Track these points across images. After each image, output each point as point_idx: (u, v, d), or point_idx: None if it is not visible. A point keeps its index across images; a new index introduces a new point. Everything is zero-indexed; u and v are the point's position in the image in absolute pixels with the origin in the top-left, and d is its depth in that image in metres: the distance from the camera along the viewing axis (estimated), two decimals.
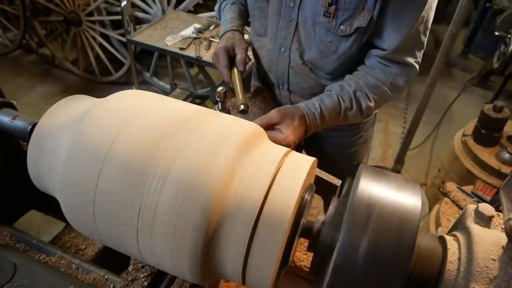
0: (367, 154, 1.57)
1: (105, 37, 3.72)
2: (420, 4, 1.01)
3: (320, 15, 1.06)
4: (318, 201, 1.01)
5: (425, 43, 1.12)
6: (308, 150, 1.49)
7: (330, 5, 1.03)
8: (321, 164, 0.82)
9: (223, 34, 1.28)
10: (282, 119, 0.98)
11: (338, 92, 1.09)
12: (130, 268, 0.79)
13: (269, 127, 0.97)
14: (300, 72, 1.23)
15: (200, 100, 3.37)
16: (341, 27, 1.06)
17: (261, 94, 1.35)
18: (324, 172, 0.87)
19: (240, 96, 1.14)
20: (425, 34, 1.09)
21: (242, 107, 1.10)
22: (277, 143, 0.76)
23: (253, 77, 1.51)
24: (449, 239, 0.63)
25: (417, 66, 1.14)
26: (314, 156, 0.72)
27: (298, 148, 1.53)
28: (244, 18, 1.36)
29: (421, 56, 1.14)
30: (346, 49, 1.11)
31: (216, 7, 1.45)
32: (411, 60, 1.11)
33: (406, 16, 1.02)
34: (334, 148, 1.44)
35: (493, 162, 2.12)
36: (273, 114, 0.99)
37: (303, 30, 1.13)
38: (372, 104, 1.12)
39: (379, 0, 0.99)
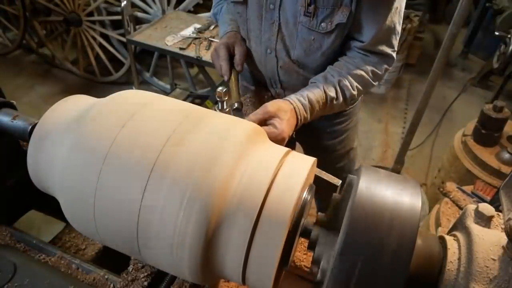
0: (357, 137, 1.62)
1: (105, 37, 3.72)
2: None
3: (300, 15, 1.09)
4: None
5: (399, 32, 1.16)
6: (303, 142, 1.51)
7: (309, 4, 1.06)
8: (317, 154, 0.83)
9: (224, 34, 1.29)
10: (275, 113, 0.98)
11: (322, 83, 1.12)
12: (130, 268, 0.79)
13: (263, 123, 0.98)
14: (289, 70, 1.25)
15: (200, 100, 3.37)
16: (322, 24, 1.09)
17: (259, 95, 1.36)
18: (324, 172, 0.87)
19: (235, 94, 1.16)
20: (399, 23, 1.14)
21: (236, 105, 1.11)
22: (272, 138, 0.77)
23: (240, 78, 1.51)
24: (449, 239, 0.63)
25: (394, 55, 1.19)
26: (309, 147, 0.72)
27: (291, 142, 1.54)
28: None
29: (397, 44, 1.19)
30: (329, 45, 1.14)
31: (212, 11, 1.46)
32: (388, 49, 1.16)
33: (381, 9, 1.06)
34: (328, 137, 1.47)
35: (493, 162, 2.12)
36: (267, 109, 0.99)
37: (286, 31, 1.16)
38: (355, 93, 1.15)
39: None
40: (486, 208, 0.61)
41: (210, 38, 2.75)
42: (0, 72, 4.04)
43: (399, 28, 1.15)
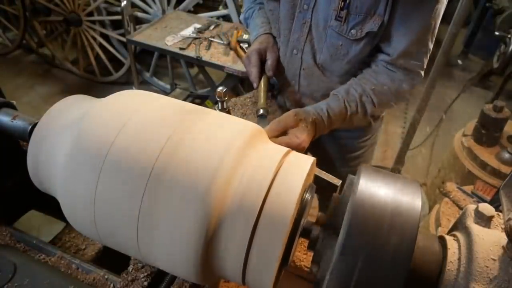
0: (372, 158, 1.57)
1: (105, 37, 3.72)
2: (427, 10, 1.01)
3: (331, 19, 1.07)
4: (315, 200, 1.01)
5: (430, 50, 1.11)
6: (314, 152, 1.47)
7: (341, 9, 1.03)
8: (327, 167, 0.82)
9: (256, 38, 1.27)
10: (297, 124, 0.98)
11: (344, 97, 1.10)
12: (130, 268, 0.79)
13: (283, 132, 0.97)
14: (311, 74, 1.23)
15: (200, 100, 3.37)
16: (352, 31, 1.06)
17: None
18: (324, 172, 0.87)
19: (262, 101, 1.14)
20: (431, 42, 1.09)
21: (261, 111, 1.09)
22: (293, 147, 0.76)
23: None
24: (449, 239, 0.63)
25: (422, 73, 1.14)
26: (320, 158, 0.72)
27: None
28: None
29: (426, 63, 1.14)
30: (356, 53, 1.11)
31: (241, 17, 1.44)
32: (416, 66, 1.11)
33: (413, 22, 1.02)
34: (341, 150, 1.44)
35: (493, 162, 2.12)
36: (290, 118, 0.98)
37: (316, 33, 1.14)
38: (376, 109, 1.13)
39: (389, 5, 0.99)
40: (486, 208, 0.61)
41: (210, 38, 2.75)
42: (0, 72, 4.04)
43: (430, 46, 1.10)
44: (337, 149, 1.43)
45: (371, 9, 1.01)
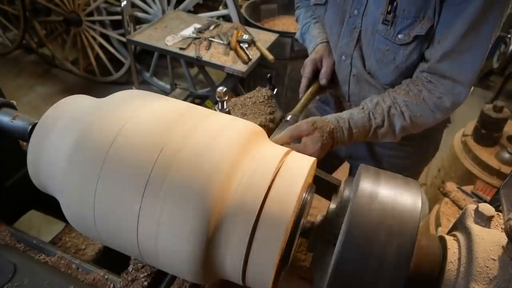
0: (428, 174, 1.52)
1: (105, 37, 3.72)
2: (473, 9, 0.90)
3: (378, 23, 1.03)
4: (319, 201, 1.01)
5: (480, 60, 0.96)
6: (355, 165, 1.42)
7: (388, 12, 0.99)
8: None
9: (313, 49, 1.26)
10: (312, 132, 0.95)
11: (370, 109, 1.03)
12: (130, 268, 0.79)
13: (296, 139, 0.96)
14: (362, 80, 1.18)
15: (200, 100, 3.38)
16: (399, 35, 1.00)
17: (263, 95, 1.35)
18: (324, 172, 0.87)
19: (298, 107, 1.13)
20: (480, 49, 0.95)
21: (289, 117, 1.08)
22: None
23: None
24: (449, 239, 0.63)
25: (467, 86, 0.99)
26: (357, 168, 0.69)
27: (339, 161, 1.46)
28: None
29: (475, 75, 0.99)
30: (404, 59, 1.04)
31: (297, 34, 1.42)
32: (459, 75, 0.98)
33: (456, 23, 0.93)
34: (387, 168, 1.37)
35: (493, 162, 2.12)
36: (304, 126, 0.96)
37: (364, 38, 1.10)
38: (407, 124, 1.02)
39: (437, 7, 0.93)
40: (486, 208, 0.61)
41: (210, 38, 2.75)
42: (0, 72, 4.04)
43: (479, 54, 0.95)
44: (383, 165, 1.35)
45: (420, 12, 0.95)
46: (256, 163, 0.63)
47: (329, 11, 1.14)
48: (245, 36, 2.71)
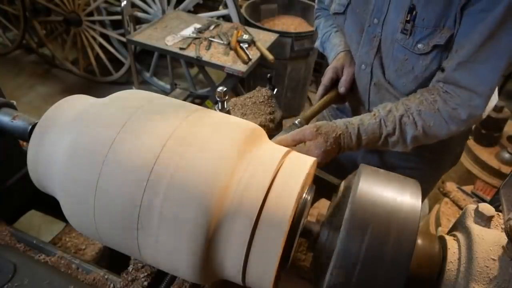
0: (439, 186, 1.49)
1: (105, 37, 3.72)
2: (493, 18, 0.87)
3: (397, 32, 1.01)
4: (319, 201, 1.01)
5: (498, 70, 0.93)
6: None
7: (407, 21, 0.97)
8: None
9: (335, 57, 1.24)
10: (315, 137, 0.94)
11: (382, 116, 1.00)
12: (130, 268, 0.79)
13: (299, 143, 0.95)
14: (382, 89, 1.16)
15: (200, 100, 3.38)
16: (418, 45, 0.98)
17: (263, 95, 1.36)
18: (324, 172, 0.87)
19: (308, 113, 1.12)
20: (500, 59, 0.91)
21: (298, 120, 1.07)
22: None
23: None
24: (449, 239, 0.63)
25: (484, 100, 0.95)
26: None
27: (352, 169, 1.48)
28: None
29: (493, 86, 0.95)
30: (423, 69, 1.02)
31: (316, 43, 1.41)
32: (476, 85, 0.94)
33: (474, 31, 0.90)
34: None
35: (493, 162, 2.12)
36: (307, 131, 0.95)
37: (384, 47, 1.08)
38: (419, 134, 0.99)
39: (458, 16, 0.91)
40: (486, 208, 0.61)
41: (210, 38, 2.75)
42: (0, 72, 4.04)
43: (498, 64, 0.92)
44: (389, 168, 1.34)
45: (440, 21, 0.93)
46: (256, 163, 0.63)
47: (348, 20, 1.13)
48: (245, 36, 2.71)
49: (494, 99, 1.11)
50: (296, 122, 1.07)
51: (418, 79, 1.05)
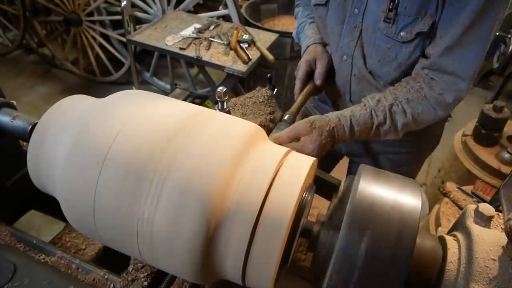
0: (417, 173, 1.50)
1: (105, 37, 3.72)
2: (474, 6, 0.90)
3: (380, 21, 1.02)
4: (319, 201, 1.01)
5: (480, 56, 0.97)
6: (355, 161, 1.44)
7: (390, 10, 0.98)
8: None
9: (305, 49, 1.26)
10: (310, 132, 0.95)
11: (372, 106, 1.03)
12: (130, 268, 0.79)
13: (294, 139, 0.95)
14: (363, 80, 1.18)
15: (200, 100, 3.37)
16: (401, 33, 1.00)
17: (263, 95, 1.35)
18: (324, 172, 0.87)
19: (293, 108, 1.13)
20: (481, 44, 0.95)
21: (287, 116, 1.08)
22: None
23: None
24: (449, 239, 0.63)
25: (468, 82, 0.99)
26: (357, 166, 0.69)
27: (338, 157, 1.49)
28: None
29: (475, 71, 0.99)
30: (406, 57, 1.04)
31: (293, 33, 1.43)
32: (460, 70, 0.97)
33: (457, 18, 0.93)
34: (388, 164, 1.36)
35: (493, 162, 2.12)
36: (301, 126, 0.95)
37: (365, 37, 1.10)
38: (409, 121, 1.02)
39: (440, 3, 0.93)
40: (486, 208, 0.61)
41: (210, 38, 2.74)
42: (0, 72, 4.04)
43: (480, 50, 0.95)
44: (383, 163, 1.36)
45: (421, 9, 0.95)
46: (256, 163, 0.63)
47: (330, 11, 1.14)
48: (245, 36, 2.71)
49: None
50: (285, 118, 1.08)
51: (401, 67, 1.07)
